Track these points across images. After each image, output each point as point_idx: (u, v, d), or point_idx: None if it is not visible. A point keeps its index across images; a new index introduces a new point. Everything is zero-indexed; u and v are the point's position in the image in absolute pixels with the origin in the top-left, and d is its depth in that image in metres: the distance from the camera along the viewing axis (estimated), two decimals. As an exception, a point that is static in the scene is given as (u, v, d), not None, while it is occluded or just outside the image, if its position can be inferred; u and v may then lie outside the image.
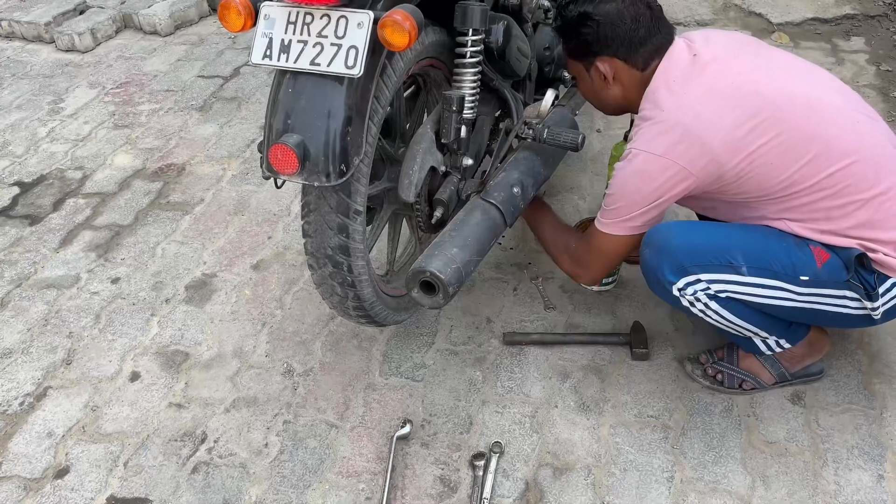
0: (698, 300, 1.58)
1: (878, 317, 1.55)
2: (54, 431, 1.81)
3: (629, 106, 1.69)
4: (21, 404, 1.88)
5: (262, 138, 1.46)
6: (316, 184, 1.40)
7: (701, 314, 1.61)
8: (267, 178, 1.46)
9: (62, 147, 2.94)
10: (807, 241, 1.53)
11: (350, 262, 1.56)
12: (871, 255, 1.50)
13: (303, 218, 1.55)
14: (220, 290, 2.21)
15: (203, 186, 2.67)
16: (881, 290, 1.52)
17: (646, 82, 1.59)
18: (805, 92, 1.52)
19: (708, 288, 1.56)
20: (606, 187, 1.64)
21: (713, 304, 1.58)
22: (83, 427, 1.82)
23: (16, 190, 2.71)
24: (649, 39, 1.59)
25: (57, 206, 2.62)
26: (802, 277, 1.52)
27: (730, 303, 1.58)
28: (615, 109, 1.75)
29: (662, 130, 1.51)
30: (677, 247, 1.57)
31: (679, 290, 1.58)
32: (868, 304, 1.53)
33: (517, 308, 2.09)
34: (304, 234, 1.57)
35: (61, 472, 1.71)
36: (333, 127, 1.37)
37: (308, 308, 2.12)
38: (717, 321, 1.63)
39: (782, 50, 1.67)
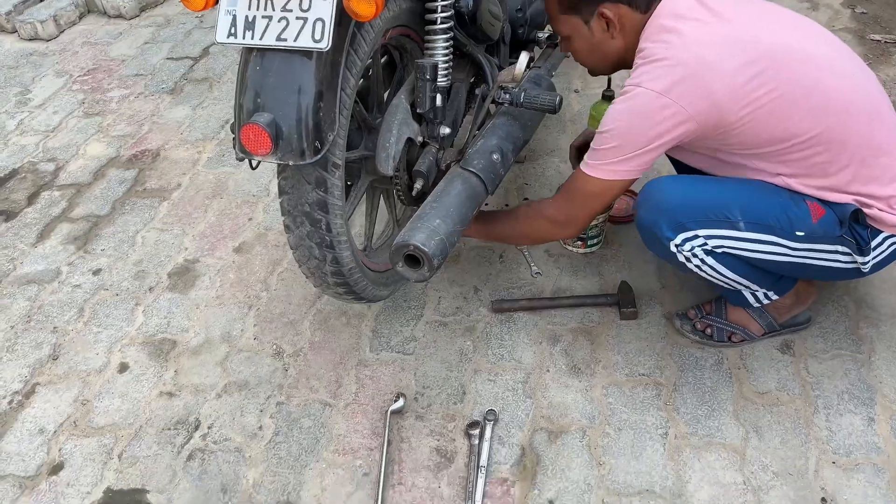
0: (695, 255, 1.57)
1: (867, 270, 1.56)
2: (46, 428, 1.80)
3: (628, 58, 1.61)
4: (10, 403, 1.87)
5: (234, 119, 1.42)
6: (291, 163, 1.38)
7: (696, 269, 1.60)
8: (241, 160, 1.43)
9: (33, 139, 2.88)
10: (803, 196, 1.52)
11: (328, 220, 1.52)
12: (865, 210, 1.49)
13: (279, 174, 1.51)
14: (204, 276, 2.18)
15: (179, 171, 2.63)
16: (873, 244, 1.52)
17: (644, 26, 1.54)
18: (803, 45, 1.49)
19: (705, 244, 1.55)
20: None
21: (709, 260, 1.58)
22: (74, 422, 1.81)
23: (-12, 186, 2.66)
24: None
25: (31, 199, 2.57)
26: (798, 233, 1.51)
27: (725, 258, 1.58)
28: (614, 65, 1.67)
29: (664, 69, 1.44)
30: (674, 203, 1.55)
31: (677, 246, 1.56)
32: (859, 259, 1.53)
33: (504, 275, 2.09)
34: (281, 192, 1.52)
35: (56, 469, 1.70)
36: (305, 103, 1.34)
37: (294, 288, 2.10)
38: (711, 276, 1.62)
39: (774, 3, 1.63)
